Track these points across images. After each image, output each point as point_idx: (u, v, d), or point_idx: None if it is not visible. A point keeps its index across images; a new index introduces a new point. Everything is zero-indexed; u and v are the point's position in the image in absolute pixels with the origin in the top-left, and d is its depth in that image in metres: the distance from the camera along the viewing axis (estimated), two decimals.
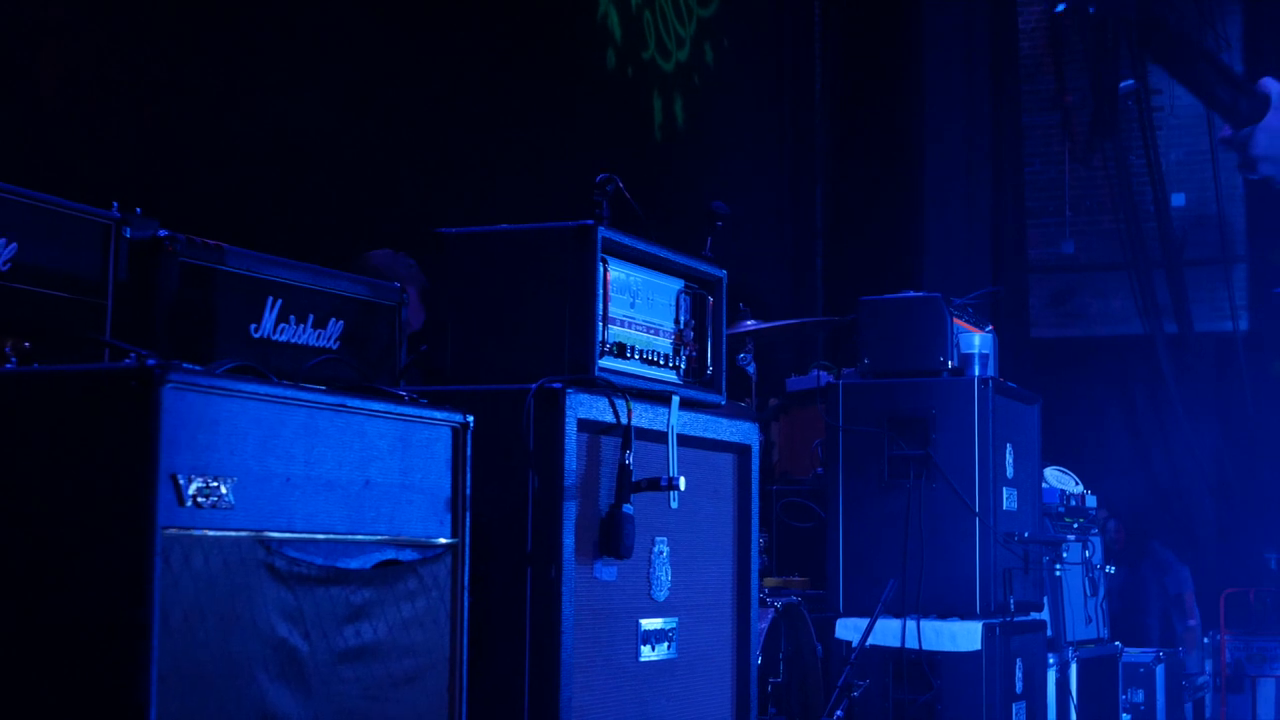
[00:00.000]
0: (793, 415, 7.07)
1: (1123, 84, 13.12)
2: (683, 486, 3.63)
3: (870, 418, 6.19)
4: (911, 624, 5.90)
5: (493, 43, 7.57)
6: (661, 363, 3.90)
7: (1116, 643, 7.78)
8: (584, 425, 3.49)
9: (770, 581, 6.46)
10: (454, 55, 7.22)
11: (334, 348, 3.94)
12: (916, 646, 5.90)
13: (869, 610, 5.78)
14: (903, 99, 11.78)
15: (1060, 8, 13.11)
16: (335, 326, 3.93)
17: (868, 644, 5.80)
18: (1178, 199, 13.23)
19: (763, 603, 5.22)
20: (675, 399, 3.74)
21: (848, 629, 5.99)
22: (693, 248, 5.82)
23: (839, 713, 5.40)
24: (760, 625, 5.09)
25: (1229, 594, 10.47)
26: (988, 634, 5.88)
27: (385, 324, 4.16)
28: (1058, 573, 6.84)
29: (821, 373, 6.77)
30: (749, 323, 6.23)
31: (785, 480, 6.93)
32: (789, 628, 5.45)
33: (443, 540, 3.11)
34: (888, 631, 5.92)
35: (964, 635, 5.90)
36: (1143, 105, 13.15)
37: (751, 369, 5.98)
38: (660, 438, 3.71)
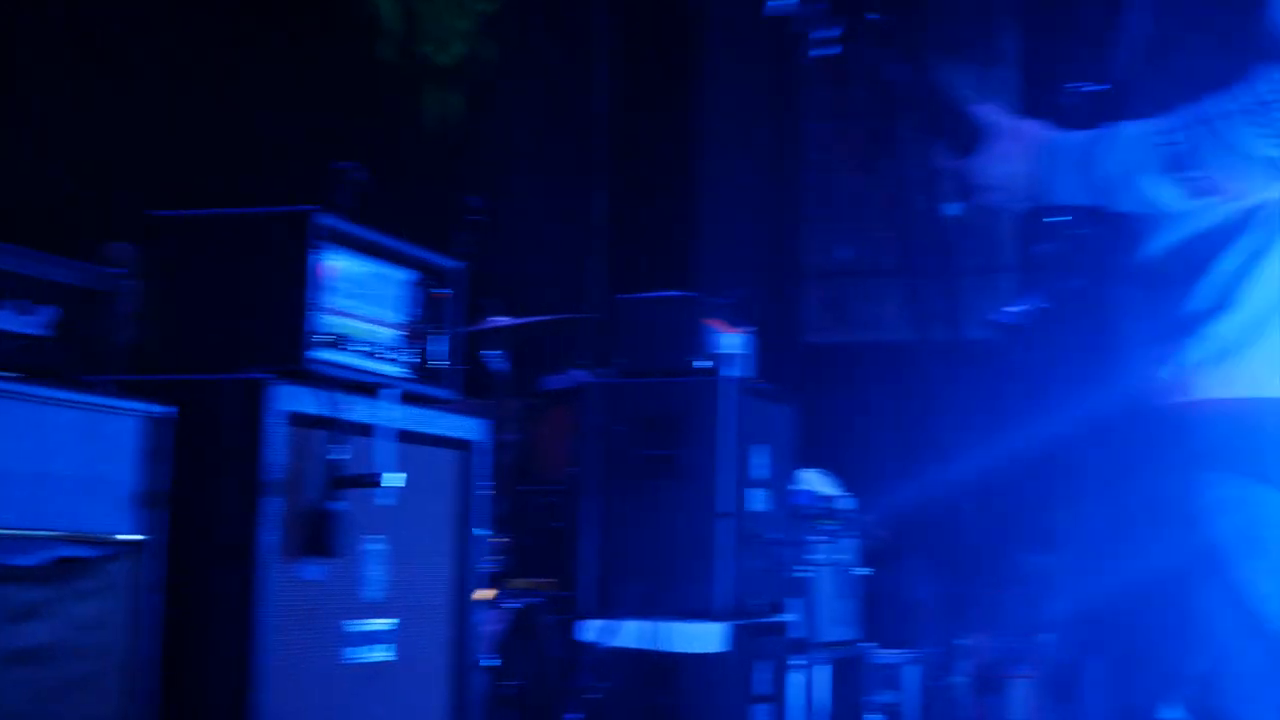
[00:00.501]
0: (548, 415, 7.00)
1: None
2: (398, 483, 3.53)
3: (623, 417, 6.14)
4: (655, 625, 5.86)
5: (262, 33, 7.38)
6: (387, 356, 3.80)
7: (868, 644, 7.84)
8: (293, 419, 3.38)
9: (518, 584, 6.39)
10: (219, 46, 7.03)
11: (44, 334, 3.78)
12: (660, 648, 5.86)
13: (615, 612, 5.73)
14: (686, 99, 11.78)
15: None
16: (45, 313, 3.77)
17: (611, 646, 5.75)
18: (952, 208, 13.39)
19: (500, 605, 5.14)
20: (391, 393, 3.65)
21: (592, 631, 5.94)
22: (459, 242, 5.73)
23: (576, 716, 5.34)
24: (496, 627, 5.01)
25: (985, 595, 10.64)
26: (730, 635, 5.86)
27: (102, 311, 4.01)
28: (808, 574, 6.86)
29: (578, 372, 6.71)
30: (500, 319, 6.15)
31: (539, 481, 6.86)
32: (528, 631, 5.38)
33: (129, 537, 2.99)
34: (631, 633, 5.87)
35: (707, 637, 5.87)
36: (921, 114, 13.30)
37: (502, 366, 5.89)
38: (378, 433, 3.62)
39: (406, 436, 3.76)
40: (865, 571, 7.96)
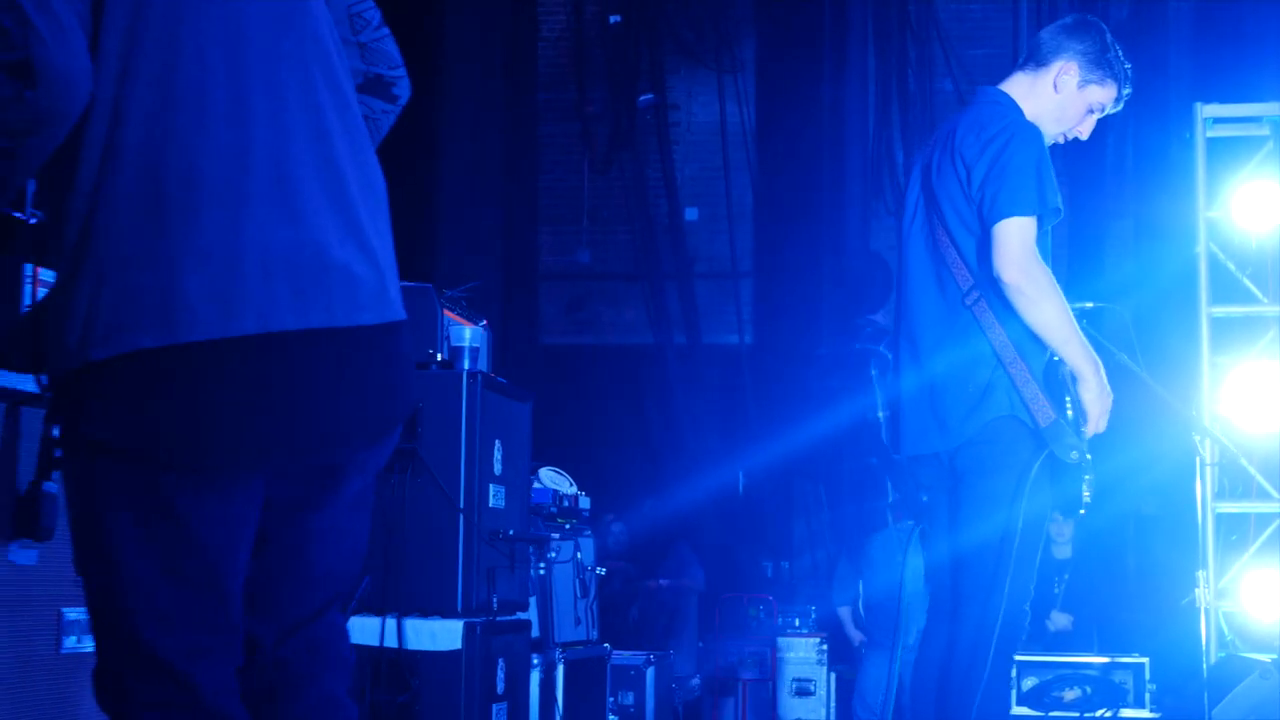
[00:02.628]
0: None
1: (641, 98, 13.33)
2: None
3: None
4: (391, 622, 5.74)
5: None
6: None
7: (605, 645, 7.79)
8: (3, 395, 3.20)
9: None
10: None
11: None
12: (396, 645, 5.74)
13: (350, 608, 5.59)
14: (423, 96, 11.67)
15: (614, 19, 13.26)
16: None
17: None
18: (691, 213, 13.53)
19: None
20: None
21: None
22: None
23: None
24: None
25: (724, 599, 10.72)
26: (468, 633, 5.76)
27: None
28: (540, 572, 6.80)
29: None
30: None
31: None
32: None
33: None
34: (366, 630, 5.74)
35: (444, 634, 5.77)
36: (660, 120, 13.40)
37: None
38: None
39: None
40: (603, 571, 7.92)
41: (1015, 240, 4.51)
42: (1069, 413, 4.54)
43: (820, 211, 12.97)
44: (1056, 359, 4.61)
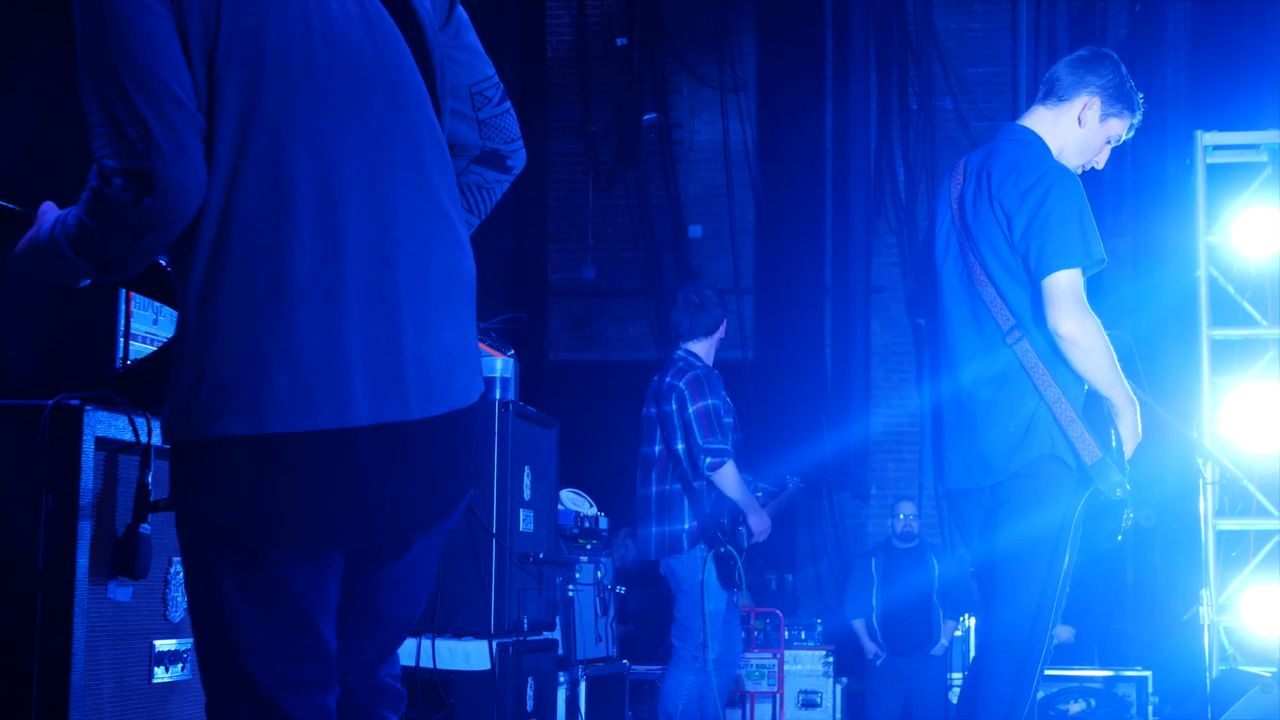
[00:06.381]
0: None
1: (646, 116, 13.53)
2: None
3: None
4: (426, 643, 5.92)
5: None
6: None
7: (624, 661, 8.00)
8: (102, 443, 3.40)
9: None
10: None
11: None
12: (431, 665, 5.92)
13: None
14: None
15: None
16: None
17: None
18: (694, 230, 13.70)
19: None
20: None
21: None
22: None
23: None
24: None
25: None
26: (500, 653, 5.95)
27: None
28: (570, 593, 6.99)
29: None
30: None
31: None
32: None
33: None
34: (402, 650, 5.90)
35: (477, 654, 5.95)
36: (664, 138, 13.59)
37: None
38: None
39: None
40: (622, 590, 8.13)
41: (1066, 294, 4.62)
42: (1113, 444, 4.65)
43: (822, 228, 13.17)
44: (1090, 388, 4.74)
